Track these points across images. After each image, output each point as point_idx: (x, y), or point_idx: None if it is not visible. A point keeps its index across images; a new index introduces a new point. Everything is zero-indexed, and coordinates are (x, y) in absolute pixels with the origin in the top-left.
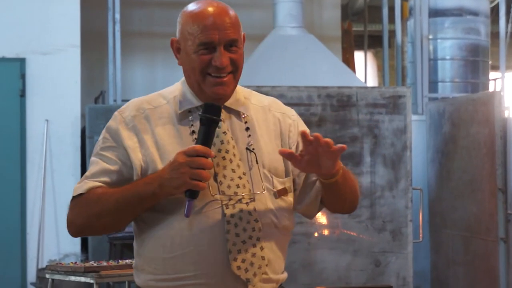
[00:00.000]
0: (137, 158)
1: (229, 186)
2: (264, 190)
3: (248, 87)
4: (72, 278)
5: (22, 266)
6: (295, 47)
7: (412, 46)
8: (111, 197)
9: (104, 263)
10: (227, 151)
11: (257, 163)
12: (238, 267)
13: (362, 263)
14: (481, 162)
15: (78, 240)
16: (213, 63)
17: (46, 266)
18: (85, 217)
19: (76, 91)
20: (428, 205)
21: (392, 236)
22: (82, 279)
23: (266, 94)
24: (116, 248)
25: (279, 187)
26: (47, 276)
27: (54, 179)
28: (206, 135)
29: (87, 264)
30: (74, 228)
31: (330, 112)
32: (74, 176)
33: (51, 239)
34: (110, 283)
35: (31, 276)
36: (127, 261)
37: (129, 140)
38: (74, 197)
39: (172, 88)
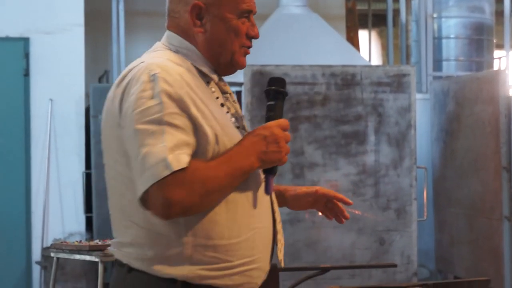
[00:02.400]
0: (208, 130)
1: None
2: None
3: (252, 66)
4: (77, 256)
5: (27, 245)
6: (299, 26)
7: (416, 24)
8: (219, 172)
9: (109, 242)
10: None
11: None
12: (279, 249)
13: (367, 242)
14: (486, 141)
15: (82, 219)
16: (251, 33)
17: (51, 245)
18: (197, 195)
19: (80, 70)
20: (433, 183)
21: (396, 214)
22: (87, 257)
23: (270, 73)
24: None
25: None
26: (52, 254)
27: (59, 158)
28: (281, 109)
29: (92, 243)
30: (179, 209)
31: (335, 91)
32: (79, 156)
33: (56, 218)
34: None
35: (36, 255)
36: None
37: (194, 108)
38: (174, 173)
39: (174, 57)
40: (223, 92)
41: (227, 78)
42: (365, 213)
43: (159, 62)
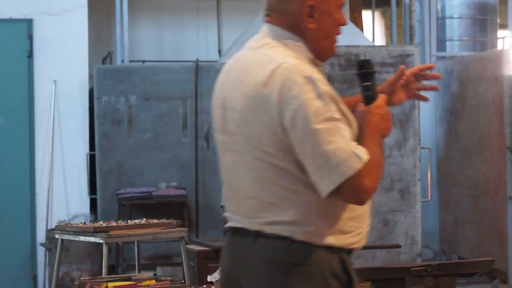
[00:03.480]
0: (352, 118)
1: None
2: None
3: None
4: (82, 238)
5: (32, 227)
6: None
7: (420, 4)
8: (379, 155)
9: (113, 223)
10: None
11: None
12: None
13: (371, 222)
14: (489, 121)
15: (87, 201)
16: (344, 22)
17: (56, 226)
18: (378, 178)
19: (84, 51)
20: (437, 164)
21: (400, 195)
22: (92, 239)
23: None
24: (125, 208)
25: None
26: (57, 236)
27: (63, 140)
28: (375, 87)
29: (96, 224)
30: (371, 194)
31: (338, 71)
32: (82, 137)
33: (60, 200)
34: (119, 243)
35: (41, 236)
36: (136, 221)
37: (340, 103)
38: (365, 163)
39: (293, 53)
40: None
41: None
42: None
43: (299, 64)
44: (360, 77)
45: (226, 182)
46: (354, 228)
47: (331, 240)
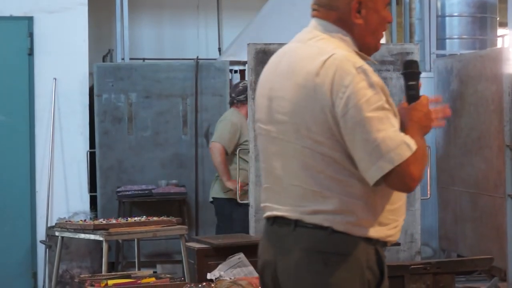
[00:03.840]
0: (396, 110)
1: None
2: None
3: (255, 44)
4: (82, 235)
5: (32, 224)
6: (303, 3)
7: (419, 2)
8: (423, 147)
9: (113, 221)
10: None
11: None
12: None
13: None
14: (489, 119)
15: (87, 198)
16: (390, 19)
17: (56, 224)
18: (424, 168)
19: (84, 49)
20: (436, 162)
21: None
22: (92, 236)
23: (274, 51)
24: (125, 206)
25: None
26: (57, 233)
27: (63, 138)
28: (419, 87)
29: (96, 222)
30: (418, 182)
31: None
32: (83, 135)
33: (60, 197)
34: (119, 240)
35: (41, 234)
36: (136, 218)
37: (390, 98)
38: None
39: (343, 45)
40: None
41: (230, 57)
42: None
43: (350, 55)
44: (405, 77)
45: (267, 172)
46: (392, 221)
47: (370, 231)
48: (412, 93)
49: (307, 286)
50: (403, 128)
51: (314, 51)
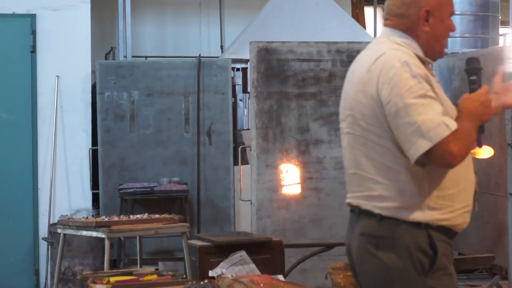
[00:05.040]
0: (445, 109)
1: None
2: None
3: (258, 42)
4: (84, 232)
5: (34, 221)
6: (305, 2)
7: None
8: (471, 130)
9: (115, 218)
10: None
11: None
12: (476, 198)
13: None
14: (491, 117)
15: (89, 196)
16: (453, 28)
17: (58, 221)
18: (467, 147)
19: (87, 47)
20: None
21: None
22: (94, 233)
23: (276, 49)
24: (127, 203)
25: None
26: (59, 231)
27: (65, 135)
28: (480, 82)
29: (98, 219)
30: (460, 159)
31: (340, 67)
32: (85, 132)
33: (63, 194)
34: (121, 238)
35: (43, 231)
36: (138, 216)
37: (436, 89)
38: (453, 132)
39: (403, 48)
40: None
41: (232, 55)
42: None
43: (399, 53)
44: (468, 73)
45: (345, 165)
46: (443, 206)
47: (417, 215)
48: (473, 87)
49: (366, 266)
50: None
51: (371, 53)
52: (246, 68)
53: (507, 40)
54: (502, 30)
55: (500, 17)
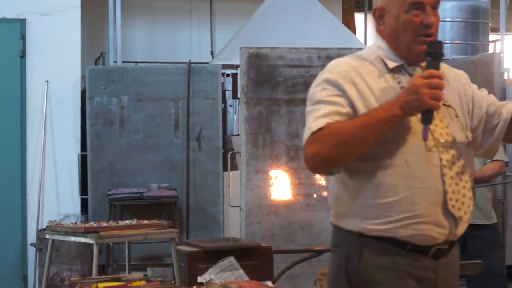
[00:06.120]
0: (361, 107)
1: (441, 134)
2: (467, 140)
3: (248, 48)
4: (72, 238)
5: (23, 227)
6: (296, 8)
7: None
8: (355, 124)
9: (104, 224)
10: None
11: (456, 117)
12: (453, 206)
13: None
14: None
15: (78, 201)
16: (424, 22)
17: (46, 226)
18: (332, 145)
19: (77, 52)
20: None
21: None
22: (82, 239)
23: (266, 55)
24: (116, 209)
25: (469, 139)
26: (47, 236)
27: (54, 140)
28: (436, 66)
29: (87, 225)
30: (318, 159)
31: None
32: (74, 137)
33: (51, 200)
34: (110, 243)
35: (31, 236)
36: (126, 221)
37: (351, 91)
38: (312, 133)
39: (369, 51)
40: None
41: (222, 60)
42: None
43: (344, 59)
44: (426, 55)
45: None
46: (377, 216)
47: (350, 224)
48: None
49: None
50: None
51: None
52: (236, 74)
53: (497, 46)
54: (492, 37)
55: (490, 24)
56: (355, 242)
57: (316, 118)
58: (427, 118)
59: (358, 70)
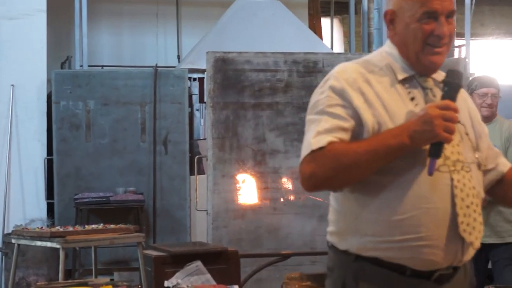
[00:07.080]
0: (368, 118)
1: (452, 153)
2: (477, 161)
3: (214, 53)
4: (38, 243)
5: None
6: (262, 13)
7: (378, 12)
8: (358, 149)
9: (70, 228)
10: None
11: (466, 135)
12: (464, 230)
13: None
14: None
15: (44, 205)
16: (435, 32)
17: (12, 231)
18: (331, 169)
19: (43, 56)
20: None
21: None
22: (48, 244)
23: (232, 59)
24: (82, 213)
25: (479, 160)
26: (13, 241)
27: (20, 145)
28: (453, 98)
29: (53, 229)
30: (314, 181)
31: (297, 78)
32: (40, 142)
33: (17, 204)
34: (76, 248)
35: None
36: (93, 226)
37: (357, 100)
38: (312, 151)
39: (378, 57)
40: (424, 88)
41: (189, 65)
42: (326, 200)
43: (350, 62)
44: (444, 84)
45: None
46: (379, 233)
47: (349, 242)
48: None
49: None
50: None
51: None
52: (203, 78)
53: (463, 52)
54: (457, 42)
55: (455, 29)
56: (351, 266)
57: (318, 134)
58: (436, 151)
59: (366, 78)
